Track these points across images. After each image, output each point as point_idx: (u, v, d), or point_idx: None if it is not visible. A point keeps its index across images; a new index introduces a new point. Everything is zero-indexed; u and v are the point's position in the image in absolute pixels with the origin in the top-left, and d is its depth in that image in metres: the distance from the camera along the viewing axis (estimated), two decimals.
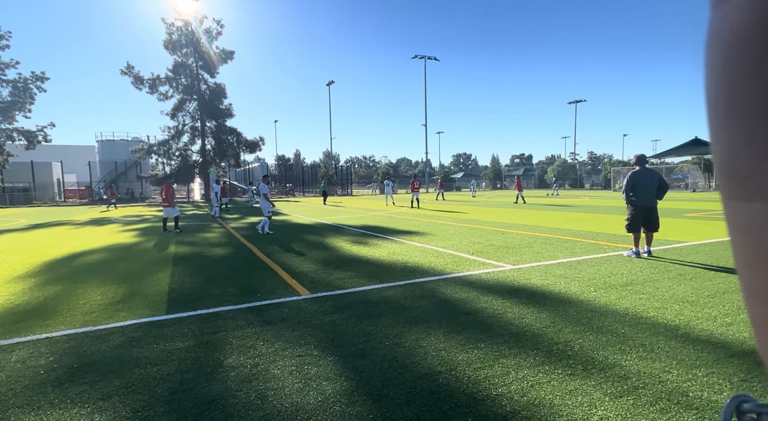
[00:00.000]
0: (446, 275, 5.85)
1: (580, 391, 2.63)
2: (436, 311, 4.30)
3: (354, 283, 5.56)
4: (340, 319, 4.14)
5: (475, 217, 14.73)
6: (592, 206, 18.78)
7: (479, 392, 2.65)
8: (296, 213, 19.42)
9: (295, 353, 3.34)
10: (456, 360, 3.12)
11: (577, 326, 3.72)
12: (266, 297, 5.01)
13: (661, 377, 2.76)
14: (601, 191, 40.48)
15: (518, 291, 4.92)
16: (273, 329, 3.93)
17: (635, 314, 3.99)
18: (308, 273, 6.26)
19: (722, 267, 5.82)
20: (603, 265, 6.19)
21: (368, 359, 3.20)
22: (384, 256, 7.47)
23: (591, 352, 3.18)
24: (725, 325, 3.64)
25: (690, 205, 17.40)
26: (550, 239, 8.91)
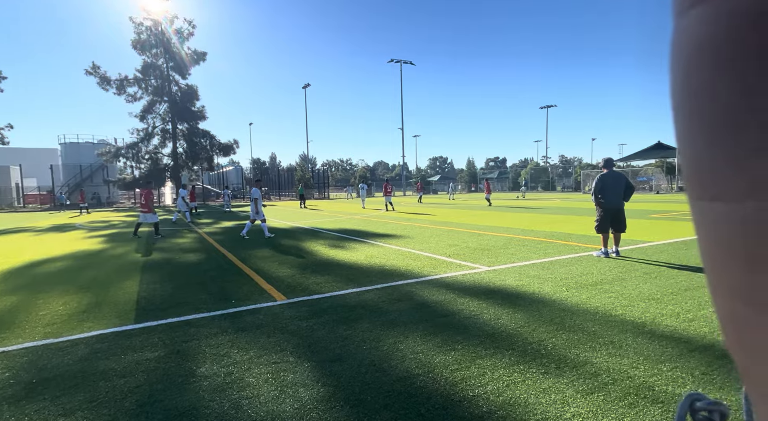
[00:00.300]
0: (423, 277, 5.88)
1: (553, 389, 2.69)
2: (414, 313, 4.31)
3: (331, 287, 5.52)
4: (317, 324, 4.09)
5: (451, 219, 14.91)
6: (563, 208, 19.34)
7: (456, 394, 2.68)
8: (272, 217, 19.11)
9: (271, 360, 3.28)
10: (433, 362, 3.14)
11: (550, 326, 3.81)
12: (241, 303, 4.90)
13: (629, 372, 2.86)
14: (571, 193, 41.77)
15: (494, 292, 5.00)
16: (248, 335, 3.84)
17: (605, 312, 4.13)
18: (284, 278, 6.17)
19: (684, 265, 6.10)
20: (574, 265, 6.38)
21: (346, 363, 3.18)
22: (361, 259, 7.45)
23: (563, 350, 3.26)
24: (687, 321, 3.81)
25: (654, 207, 18.18)
26: (524, 240, 9.11)
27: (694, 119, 0.20)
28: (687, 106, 0.21)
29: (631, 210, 15.01)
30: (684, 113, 0.21)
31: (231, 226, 15.42)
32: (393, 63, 49.95)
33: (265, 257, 8.15)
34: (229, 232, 13.34)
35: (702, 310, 4.09)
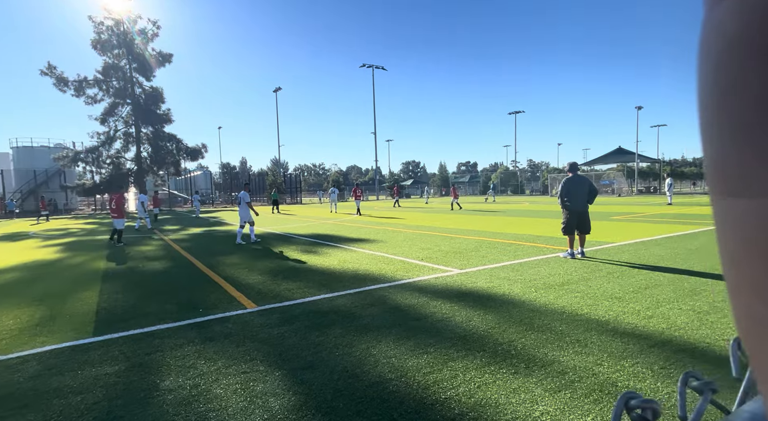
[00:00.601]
0: (396, 281, 5.89)
1: (522, 388, 2.74)
2: (387, 317, 4.30)
3: (303, 293, 5.43)
4: (288, 331, 4.02)
5: (424, 223, 15.04)
6: (532, 211, 19.91)
7: (429, 397, 2.68)
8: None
9: (240, 370, 3.18)
10: (406, 366, 3.14)
11: (519, 326, 3.89)
12: (209, 312, 4.74)
13: (594, 369, 2.96)
14: (539, 197, 43.07)
15: (466, 294, 5.07)
16: (216, 345, 3.72)
17: (571, 311, 4.26)
18: (255, 285, 6.02)
19: (643, 265, 6.39)
20: (542, 266, 6.56)
21: (318, 370, 3.13)
22: (334, 264, 7.38)
23: (532, 350, 3.34)
24: (647, 318, 3.98)
25: (616, 209, 19.01)
26: (495, 243, 9.30)
27: (722, 115, 0.20)
28: (715, 102, 0.20)
29: (595, 212, 15.62)
30: (711, 110, 0.21)
31: (199, 232, 14.95)
32: (365, 68, 50.10)
33: (234, 263, 7.94)
34: (197, 238, 12.93)
35: (660, 307, 4.29)
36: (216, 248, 10.39)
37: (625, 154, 45.80)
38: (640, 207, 20.11)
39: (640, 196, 34.78)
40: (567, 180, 7.30)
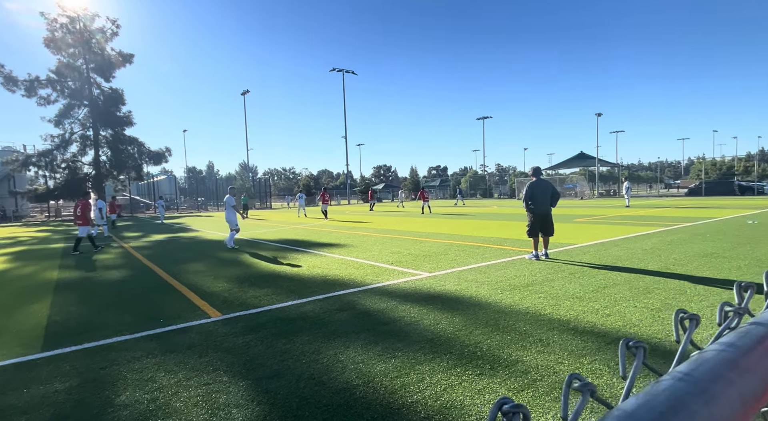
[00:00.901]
0: (366, 286, 5.88)
1: (487, 389, 2.79)
2: (356, 323, 4.28)
3: (271, 300, 5.33)
4: (254, 339, 3.92)
5: (394, 227, 15.11)
6: (499, 214, 20.41)
7: (395, 401, 2.69)
8: (208, 229, 18.14)
9: (202, 382, 3.08)
10: (373, 372, 3.13)
11: (486, 328, 3.97)
12: (170, 322, 4.56)
13: (555, 368, 3.05)
14: (507, 200, 44.24)
15: (434, 298, 5.12)
16: (177, 357, 3.58)
17: (535, 312, 4.39)
18: (220, 293, 5.85)
19: (603, 265, 6.68)
20: (508, 268, 6.73)
21: (283, 379, 3.07)
22: (303, 270, 7.29)
23: (497, 351, 3.41)
24: (604, 316, 4.16)
25: (579, 211, 19.80)
26: (464, 245, 9.47)
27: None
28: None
29: (558, 215, 16.21)
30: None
31: (162, 239, 14.39)
32: (335, 72, 50.02)
33: (199, 271, 7.69)
34: (160, 246, 12.43)
35: (617, 306, 4.49)
36: (180, 255, 10.02)
37: (587, 159, 47.85)
38: (601, 209, 21.03)
39: (600, 199, 36.38)
40: (531, 184, 7.54)
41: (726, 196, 32.31)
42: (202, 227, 19.72)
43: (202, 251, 10.61)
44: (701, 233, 9.97)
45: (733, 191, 35.11)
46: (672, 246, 8.23)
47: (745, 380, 0.28)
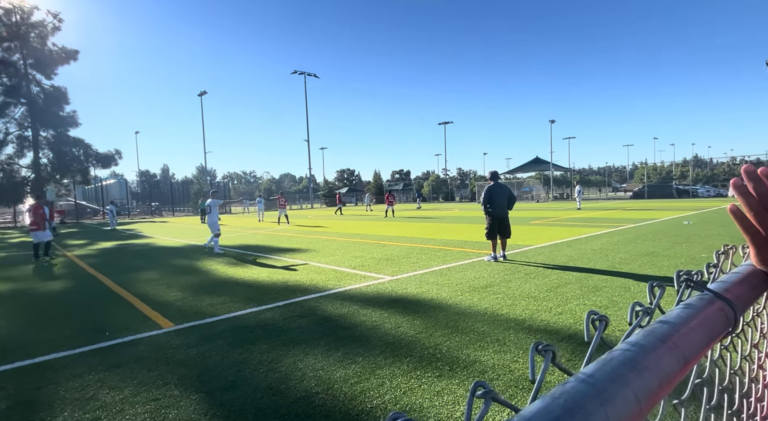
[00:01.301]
0: (328, 291, 5.81)
1: (446, 390, 2.83)
2: (316, 329, 4.22)
3: (228, 308, 5.14)
4: (208, 350, 3.76)
5: (357, 231, 15.07)
6: (461, 217, 20.88)
7: (355, 408, 2.66)
8: (163, 235, 17.27)
9: (150, 397, 2.90)
10: (333, 378, 3.09)
11: (445, 329, 4.03)
12: (117, 335, 4.29)
13: (511, 366, 3.15)
14: (469, 203, 45.36)
15: (396, 301, 5.14)
16: (123, 372, 3.36)
17: (493, 312, 4.51)
18: (173, 302, 5.58)
19: (556, 265, 6.98)
20: (468, 270, 6.88)
21: (239, 390, 2.96)
22: (263, 276, 7.09)
23: (456, 352, 3.47)
24: (557, 314, 4.35)
25: (535, 214, 20.63)
26: (425, 248, 9.59)
27: None
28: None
29: (516, 217, 16.81)
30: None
31: (110, 247, 13.54)
32: (297, 75, 49.36)
33: (151, 280, 7.29)
34: (108, 254, 11.69)
35: (568, 304, 4.71)
36: (130, 263, 9.46)
37: (542, 164, 50.03)
38: (555, 212, 22.03)
39: (555, 202, 38.12)
40: (489, 188, 7.77)
41: (666, 199, 34.84)
42: (155, 233, 18.75)
43: (155, 259, 10.08)
44: (644, 234, 10.67)
45: (672, 194, 37.95)
46: (618, 246, 8.75)
47: (642, 378, 0.29)
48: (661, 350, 0.34)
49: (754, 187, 0.56)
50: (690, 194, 37.84)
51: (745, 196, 0.57)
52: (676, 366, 0.34)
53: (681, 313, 0.42)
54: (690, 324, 0.40)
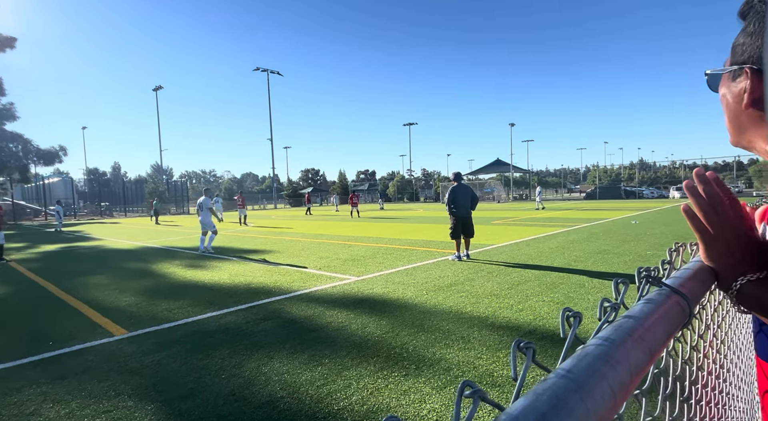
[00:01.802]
0: (293, 292, 5.70)
1: (413, 389, 2.86)
2: (281, 332, 4.13)
3: (187, 313, 4.92)
4: (165, 357, 3.58)
5: (322, 231, 14.91)
6: (425, 217, 21.17)
7: (321, 410, 2.63)
8: (114, 237, 16.30)
9: (101, 410, 2.73)
10: (299, 381, 3.03)
11: (411, 328, 4.07)
12: (62, 345, 4.00)
13: (475, 363, 3.22)
14: (433, 204, 46.07)
15: (362, 301, 5.13)
16: (69, 384, 3.14)
17: (457, 310, 4.60)
18: (126, 307, 5.27)
19: (517, 263, 7.24)
20: (433, 269, 6.99)
21: (199, 398, 2.84)
22: (225, 279, 6.86)
23: (422, 350, 3.51)
24: (518, 311, 4.50)
25: (496, 214, 21.28)
26: (391, 249, 9.64)
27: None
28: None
29: (478, 217, 17.27)
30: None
31: (54, 250, 12.61)
32: (260, 72, 48.14)
33: (100, 284, 6.86)
34: (51, 257, 10.88)
35: (528, 301, 4.89)
36: (77, 267, 8.85)
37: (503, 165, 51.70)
38: (515, 212, 22.83)
39: (515, 203, 39.54)
40: (453, 188, 7.93)
41: (615, 200, 37.03)
42: (105, 234, 17.66)
43: (105, 262, 9.49)
44: (596, 233, 11.28)
45: (620, 195, 40.42)
46: (573, 245, 9.19)
47: (616, 372, 0.30)
48: (629, 343, 0.36)
49: (703, 189, 0.61)
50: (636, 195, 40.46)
51: (695, 197, 0.61)
52: (643, 358, 0.35)
53: (644, 308, 0.44)
54: (652, 318, 0.42)
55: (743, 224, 0.60)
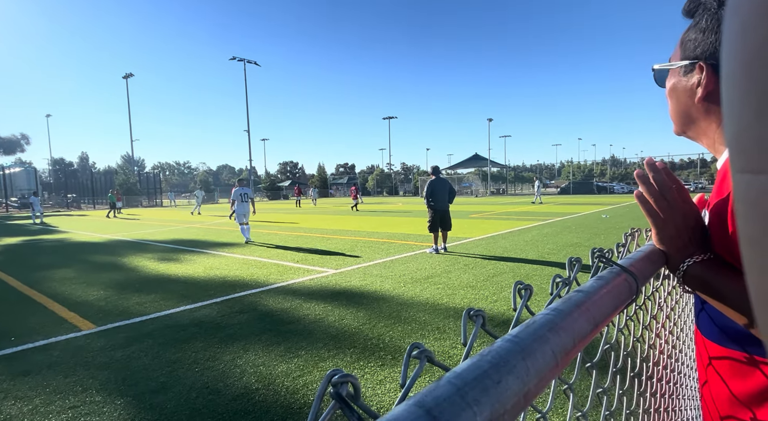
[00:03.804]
0: (269, 285, 5.65)
1: (388, 379, 2.89)
2: (257, 324, 4.09)
3: (159, 306, 4.81)
4: (137, 351, 3.50)
5: (301, 224, 14.79)
6: (404, 211, 21.28)
7: (297, 401, 2.63)
8: (82, 230, 15.69)
9: (67, 405, 2.65)
10: (275, 373, 3.02)
11: (388, 320, 4.10)
12: (24, 340, 3.84)
13: (450, 352, 3.29)
14: (412, 197, 46.35)
15: (340, 294, 5.13)
16: (33, 380, 3.03)
17: (433, 302, 4.67)
18: (95, 302, 5.11)
19: (492, 256, 7.38)
20: (411, 262, 7.05)
21: (171, 391, 2.79)
22: (199, 272, 6.72)
23: (399, 341, 3.55)
24: (492, 302, 4.61)
25: (474, 208, 21.60)
26: (370, 242, 9.66)
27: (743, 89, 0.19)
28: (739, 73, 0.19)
29: (456, 211, 17.48)
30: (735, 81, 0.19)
31: (16, 242, 12.05)
32: (236, 61, 46.96)
33: (67, 278, 6.61)
34: (12, 250, 10.39)
35: (503, 292, 5.01)
36: (41, 260, 8.49)
37: (481, 160, 52.42)
38: (492, 206, 23.23)
39: (492, 197, 40.19)
40: (431, 182, 8.00)
41: (588, 195, 38.18)
42: (72, 227, 16.98)
43: (72, 255, 9.14)
44: (569, 226, 11.62)
45: (593, 190, 41.71)
46: (547, 238, 9.44)
47: (559, 337, 0.32)
48: (575, 313, 0.38)
49: (653, 176, 0.64)
50: (608, 190, 41.84)
51: (646, 184, 0.65)
52: (587, 328, 0.38)
53: (594, 283, 0.47)
54: (600, 292, 0.45)
55: (690, 210, 0.64)
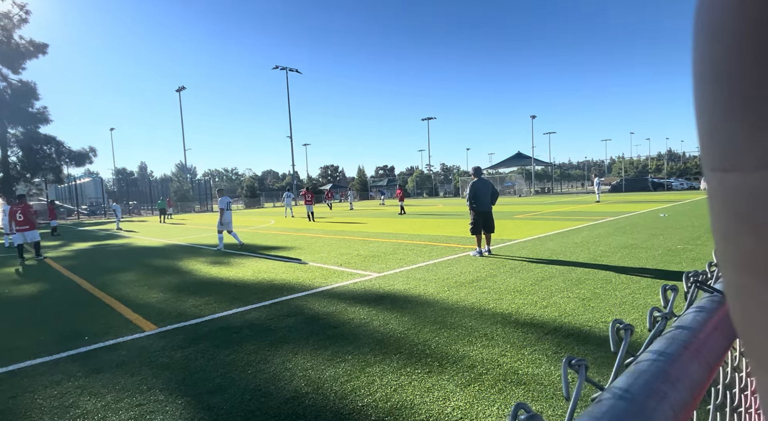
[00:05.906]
0: (314, 289, 5.77)
1: (436, 386, 2.84)
2: (304, 328, 4.18)
3: (212, 309, 5.04)
4: (194, 352, 3.68)
5: (341, 228, 15.01)
6: (445, 213, 21.02)
7: (346, 406, 2.65)
8: (142, 235, 16.85)
9: (134, 403, 2.83)
10: (323, 377, 3.06)
11: (434, 325, 4.05)
12: (96, 340, 4.16)
13: (499, 361, 3.18)
14: (452, 198, 45.70)
15: (383, 298, 5.14)
16: (104, 377, 3.27)
17: (479, 307, 4.55)
18: (155, 304, 5.44)
19: (540, 259, 7.10)
20: (454, 265, 6.93)
21: (227, 393, 2.91)
22: (248, 275, 6.99)
23: (445, 347, 3.49)
24: (542, 308, 4.42)
25: (518, 208, 20.93)
26: (411, 245, 9.62)
27: (716, 88, 0.20)
28: (708, 75, 0.20)
29: (500, 212, 17.02)
30: (704, 83, 0.20)
31: (86, 248, 13.14)
32: (279, 70, 48.60)
33: (131, 281, 7.10)
34: (84, 255, 11.34)
35: (553, 297, 4.79)
36: (108, 264, 9.19)
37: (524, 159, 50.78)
38: (537, 206, 22.39)
39: (537, 196, 38.76)
40: (473, 184, 7.83)
41: (642, 192, 35.84)
42: (133, 232, 18.27)
43: (135, 259, 9.82)
44: (622, 227, 10.95)
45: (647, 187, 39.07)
46: (599, 239, 8.95)
47: (676, 390, 0.28)
48: (686, 357, 0.34)
49: None
50: (665, 187, 39.03)
51: None
52: (703, 374, 0.33)
53: (696, 317, 0.42)
54: (707, 328, 0.40)
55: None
